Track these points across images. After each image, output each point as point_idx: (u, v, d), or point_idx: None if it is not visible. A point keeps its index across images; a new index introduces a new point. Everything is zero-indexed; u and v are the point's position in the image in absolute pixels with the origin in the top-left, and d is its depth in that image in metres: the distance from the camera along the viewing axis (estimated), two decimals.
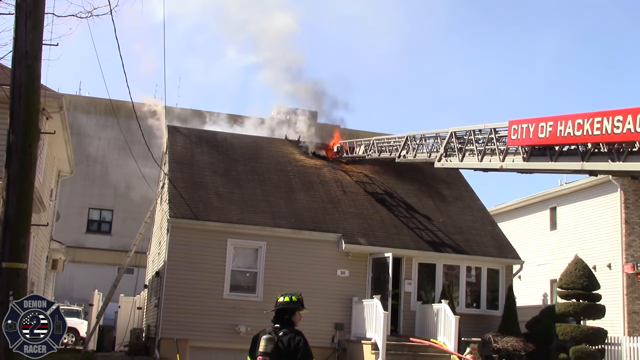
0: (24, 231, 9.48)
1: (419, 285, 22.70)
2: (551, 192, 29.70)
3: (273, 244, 21.79)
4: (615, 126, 14.33)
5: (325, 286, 21.69)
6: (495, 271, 23.52)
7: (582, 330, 20.80)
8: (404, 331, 21.95)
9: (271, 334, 7.03)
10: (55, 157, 23.34)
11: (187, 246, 21.14)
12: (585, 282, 21.25)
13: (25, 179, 9.52)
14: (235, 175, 24.40)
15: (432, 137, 22.05)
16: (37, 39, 9.67)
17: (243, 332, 20.44)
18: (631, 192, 25.43)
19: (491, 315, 22.80)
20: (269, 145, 27.35)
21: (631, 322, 24.34)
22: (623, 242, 25.18)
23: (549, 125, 16.35)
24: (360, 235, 22.59)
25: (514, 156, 18.09)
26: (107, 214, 45.15)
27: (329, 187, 25.01)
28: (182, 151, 25.02)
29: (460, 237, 24.02)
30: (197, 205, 22.03)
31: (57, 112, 18.58)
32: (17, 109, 9.50)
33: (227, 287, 21.26)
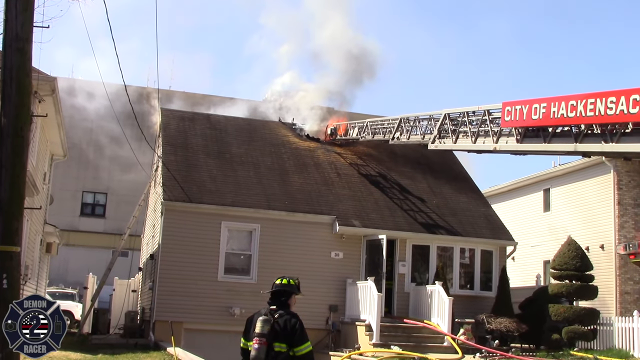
0: (17, 214, 9.45)
1: (412, 266, 22.79)
2: (544, 174, 29.75)
3: (267, 227, 21.81)
4: (609, 107, 14.36)
5: (320, 268, 21.76)
6: (488, 252, 23.62)
7: (574, 310, 20.93)
8: (398, 313, 22.06)
9: (267, 315, 7.05)
10: (48, 141, 23.25)
11: (181, 229, 21.15)
12: (578, 263, 21.36)
13: (18, 162, 9.47)
14: (229, 157, 24.37)
15: (425, 119, 22.05)
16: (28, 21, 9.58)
17: (237, 315, 20.51)
18: (624, 174, 25.49)
19: (485, 297, 22.92)
20: (263, 127, 27.30)
21: (623, 303, 24.49)
22: (616, 223, 25.27)
23: (543, 106, 16.36)
24: (354, 217, 22.62)
25: (508, 138, 18.11)
26: (101, 197, 45.11)
27: (323, 170, 25.01)
28: (176, 134, 24.95)
29: (454, 218, 24.08)
30: (190, 188, 22.01)
31: (50, 95, 18.46)
32: (9, 91, 9.43)
33: (222, 269, 21.30)
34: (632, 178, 25.61)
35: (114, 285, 28.24)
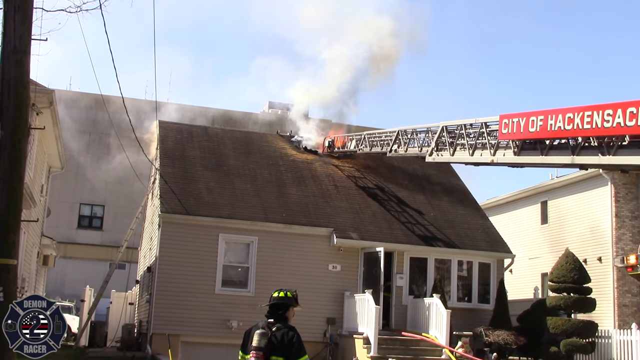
0: (13, 227, 9.45)
1: (410, 279, 22.75)
2: (542, 186, 29.79)
3: (265, 239, 21.77)
4: (606, 120, 14.35)
5: (317, 281, 21.70)
6: (486, 265, 23.59)
7: (572, 323, 20.89)
8: (396, 325, 22.00)
9: (264, 328, 7.02)
10: (45, 153, 23.24)
11: (178, 241, 21.10)
12: (576, 275, 21.34)
13: (15, 174, 9.49)
14: (226, 170, 24.36)
15: (423, 132, 22.06)
16: (26, 34, 9.63)
17: (235, 327, 20.43)
18: (621, 186, 25.54)
19: (482, 309, 22.87)
20: (260, 140, 27.32)
21: (621, 315, 24.48)
22: (613, 235, 25.29)
23: (540, 119, 16.37)
24: (351, 230, 22.60)
25: (505, 150, 18.11)
26: (98, 209, 45.04)
27: (321, 182, 25.01)
28: (173, 146, 24.95)
29: (451, 231, 24.07)
30: (188, 200, 21.99)
31: (47, 108, 18.49)
32: (6, 104, 9.46)
33: (219, 282, 21.23)
34: (630, 190, 25.65)
35: (111, 297, 28.14)
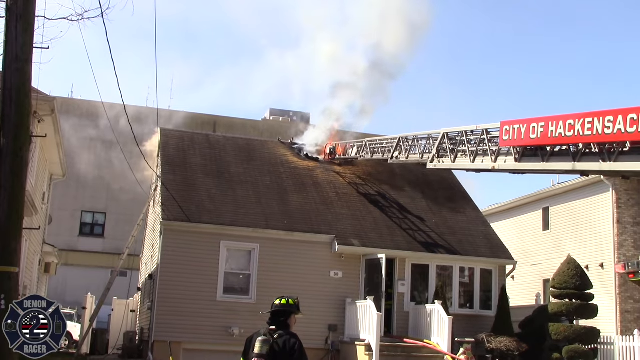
0: (15, 235, 9.46)
1: (412, 286, 22.73)
2: (543, 193, 29.77)
3: (266, 246, 21.77)
4: (606, 126, 14.36)
5: (319, 287, 21.69)
6: (488, 271, 23.57)
7: (575, 329, 20.86)
8: (398, 332, 21.97)
9: (266, 335, 7.02)
10: (47, 160, 23.27)
11: (180, 249, 21.11)
12: (577, 281, 21.31)
13: (17, 182, 9.51)
14: (228, 177, 24.38)
15: (424, 138, 22.08)
16: (28, 42, 9.66)
17: (237, 335, 20.41)
18: (623, 192, 25.53)
19: (484, 316, 22.84)
20: (262, 147, 27.34)
21: (624, 322, 24.42)
22: (615, 241, 25.26)
23: (540, 125, 16.38)
24: (353, 237, 22.59)
25: (506, 157, 18.12)
26: (100, 216, 45.06)
27: (322, 189, 25.01)
28: (175, 153, 24.97)
29: (453, 237, 24.06)
30: (189, 208, 22.00)
31: (49, 115, 18.52)
32: (8, 112, 9.49)
33: (221, 289, 21.22)
34: (631, 196, 25.64)
35: (113, 305, 28.13)
